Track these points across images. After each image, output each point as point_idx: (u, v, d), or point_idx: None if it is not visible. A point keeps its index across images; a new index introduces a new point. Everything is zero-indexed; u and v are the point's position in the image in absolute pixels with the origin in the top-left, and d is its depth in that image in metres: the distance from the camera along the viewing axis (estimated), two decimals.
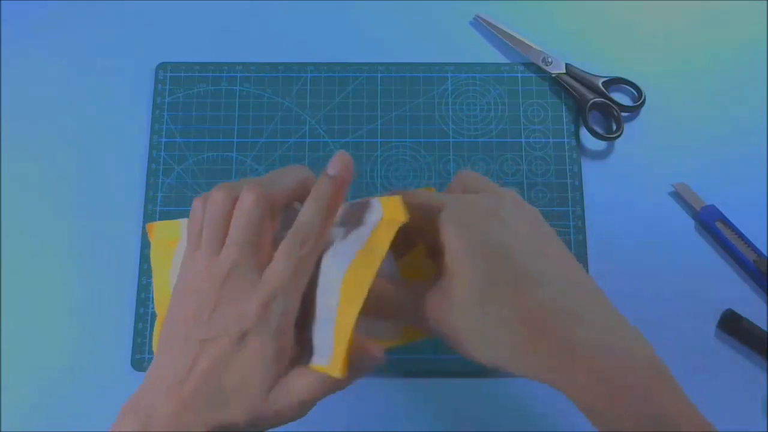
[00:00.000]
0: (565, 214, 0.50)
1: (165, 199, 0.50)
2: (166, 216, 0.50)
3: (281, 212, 0.33)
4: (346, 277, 0.30)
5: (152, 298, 0.48)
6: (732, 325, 0.47)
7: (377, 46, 0.55)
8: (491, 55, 0.55)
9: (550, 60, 0.53)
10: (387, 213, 0.32)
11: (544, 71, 0.53)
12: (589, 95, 0.52)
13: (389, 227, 0.31)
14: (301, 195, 0.33)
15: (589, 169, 0.52)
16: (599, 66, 0.53)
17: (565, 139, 0.52)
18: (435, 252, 0.32)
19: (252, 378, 0.29)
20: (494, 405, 0.47)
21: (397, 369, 0.47)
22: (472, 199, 0.33)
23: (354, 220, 0.33)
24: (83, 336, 0.48)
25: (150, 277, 0.49)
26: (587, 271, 0.49)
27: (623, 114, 0.52)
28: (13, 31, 0.54)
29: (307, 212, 0.31)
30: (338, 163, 0.32)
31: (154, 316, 0.48)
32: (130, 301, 0.48)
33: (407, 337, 0.36)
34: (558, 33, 0.55)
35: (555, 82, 0.53)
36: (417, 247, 0.36)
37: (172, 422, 0.28)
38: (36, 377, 0.47)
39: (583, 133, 0.52)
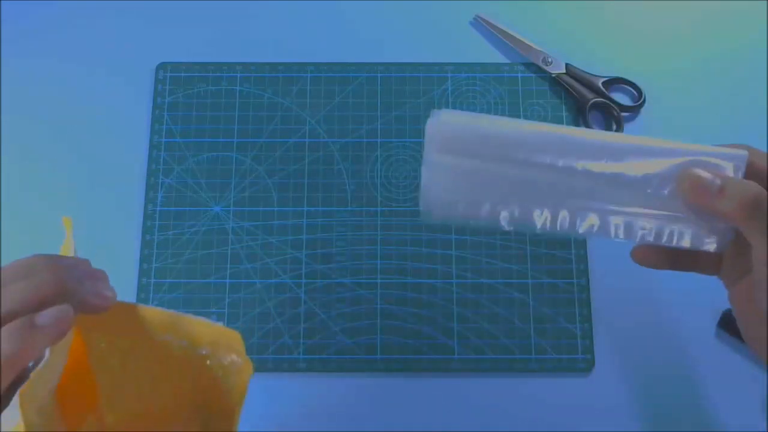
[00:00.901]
0: None
1: (165, 199, 0.50)
2: (166, 216, 0.50)
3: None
4: None
5: (152, 299, 0.48)
6: (732, 325, 0.47)
7: (377, 46, 0.54)
8: (491, 55, 0.55)
9: (550, 60, 0.53)
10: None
11: (544, 71, 0.53)
12: (589, 95, 0.52)
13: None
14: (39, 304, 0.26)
15: None
16: (599, 66, 0.53)
17: None
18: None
19: None
20: (494, 404, 0.47)
21: (396, 368, 0.47)
22: None
23: None
24: None
25: (149, 277, 0.49)
26: (588, 271, 0.49)
27: (623, 114, 0.52)
28: (13, 31, 0.54)
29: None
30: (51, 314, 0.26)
31: None
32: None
33: None
34: (558, 33, 0.55)
35: (555, 82, 0.53)
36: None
37: None
38: None
39: None
